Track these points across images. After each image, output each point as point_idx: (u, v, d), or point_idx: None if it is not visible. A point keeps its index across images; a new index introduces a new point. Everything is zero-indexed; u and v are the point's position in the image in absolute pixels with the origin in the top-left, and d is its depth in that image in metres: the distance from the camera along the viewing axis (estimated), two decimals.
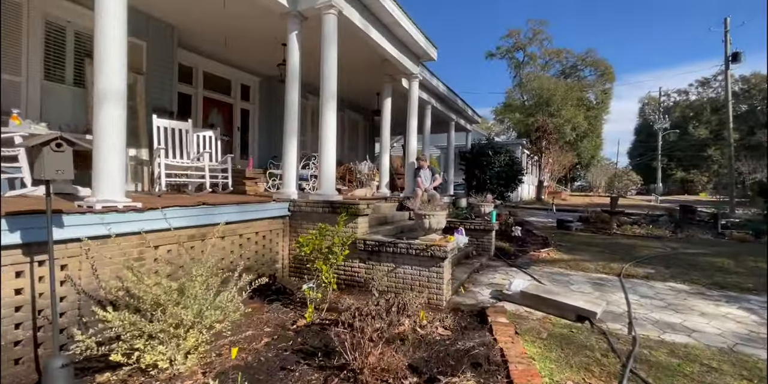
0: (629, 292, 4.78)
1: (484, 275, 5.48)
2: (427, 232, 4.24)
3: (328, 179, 4.92)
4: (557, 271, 5.79)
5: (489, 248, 6.68)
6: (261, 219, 4.59)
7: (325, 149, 4.90)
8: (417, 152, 7.80)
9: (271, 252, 4.83)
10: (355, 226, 4.60)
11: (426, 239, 4.19)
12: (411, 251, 4.17)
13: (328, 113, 4.91)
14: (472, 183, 12.17)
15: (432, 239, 4.16)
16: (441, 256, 4.02)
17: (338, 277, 4.75)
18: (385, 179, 7.71)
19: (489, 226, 6.61)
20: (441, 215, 4.16)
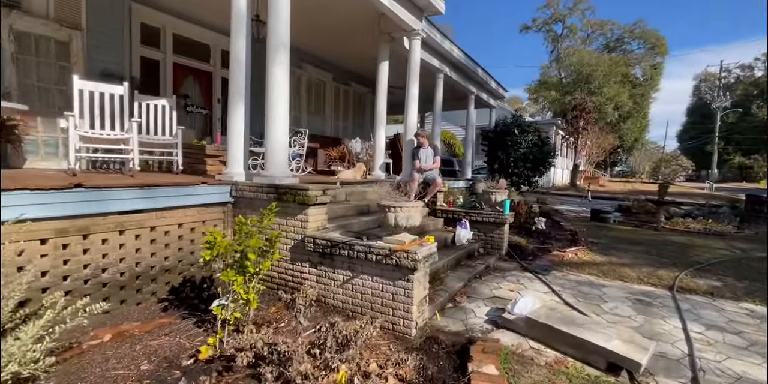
0: (689, 316, 3.40)
1: (486, 283, 4.22)
2: (394, 230, 3.03)
3: (278, 156, 3.76)
4: (586, 280, 4.44)
5: (500, 245, 5.37)
6: (185, 207, 3.52)
7: (274, 116, 3.72)
8: (417, 128, 6.48)
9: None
10: (304, 218, 3.44)
11: (392, 241, 2.98)
12: (370, 257, 2.98)
13: (277, 69, 3.70)
14: (494, 166, 10.69)
15: (399, 241, 2.94)
16: (409, 267, 2.80)
17: (283, 284, 3.64)
18: (379, 160, 6.47)
19: (501, 218, 5.28)
20: (412, 208, 2.93)
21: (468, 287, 4.06)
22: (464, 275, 4.27)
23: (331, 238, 3.21)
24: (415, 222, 2.97)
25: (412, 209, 2.91)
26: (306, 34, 7.68)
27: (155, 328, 2.94)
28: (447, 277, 4.17)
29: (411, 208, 2.91)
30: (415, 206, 2.94)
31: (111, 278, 3.03)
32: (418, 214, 2.98)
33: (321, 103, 9.52)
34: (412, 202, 2.98)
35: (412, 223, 2.95)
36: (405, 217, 2.89)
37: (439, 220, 5.69)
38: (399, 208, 2.89)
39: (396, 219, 2.90)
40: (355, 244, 3.05)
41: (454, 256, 4.58)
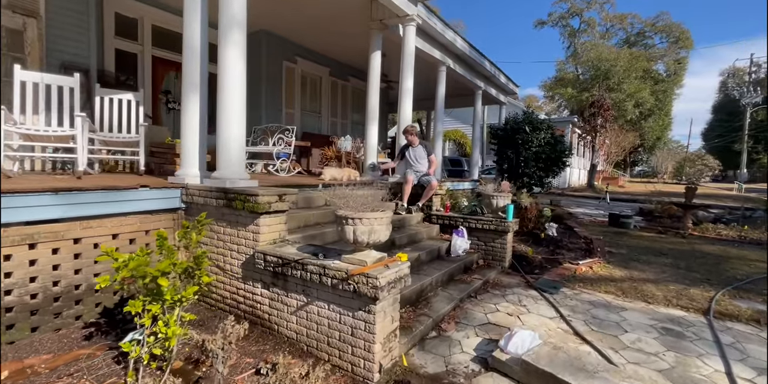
0: (733, 354, 2.70)
1: (482, 304, 3.58)
2: (357, 247, 2.43)
3: (231, 154, 3.20)
4: (602, 301, 3.75)
5: (502, 256, 4.71)
6: (122, 215, 2.99)
7: (227, 106, 3.16)
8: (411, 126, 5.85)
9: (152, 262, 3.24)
10: (256, 229, 2.87)
11: (351, 260, 2.39)
12: (325, 280, 2.39)
13: (230, 50, 3.14)
14: (503, 166, 9.98)
15: (360, 261, 2.35)
16: (370, 296, 2.20)
17: (235, 306, 3.08)
18: (371, 159, 5.88)
19: (503, 225, 4.62)
20: (376, 220, 2.32)
21: (459, 309, 3.43)
22: (456, 294, 3.64)
23: (282, 255, 2.63)
24: (379, 237, 2.36)
25: (375, 221, 2.31)
26: (295, 25, 7.16)
27: (67, 362, 2.42)
28: (435, 296, 3.55)
29: (374, 220, 2.30)
30: (380, 217, 2.33)
31: (18, 302, 2.52)
32: (384, 227, 2.37)
33: (316, 99, 8.98)
34: (377, 212, 2.37)
35: (376, 238, 2.35)
36: (366, 232, 2.29)
37: (434, 227, 5.06)
38: (358, 219, 2.29)
39: (355, 233, 2.30)
40: (308, 263, 2.47)
41: (446, 271, 3.95)
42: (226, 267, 3.11)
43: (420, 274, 3.76)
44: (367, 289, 2.18)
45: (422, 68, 7.97)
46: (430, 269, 3.94)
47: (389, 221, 2.45)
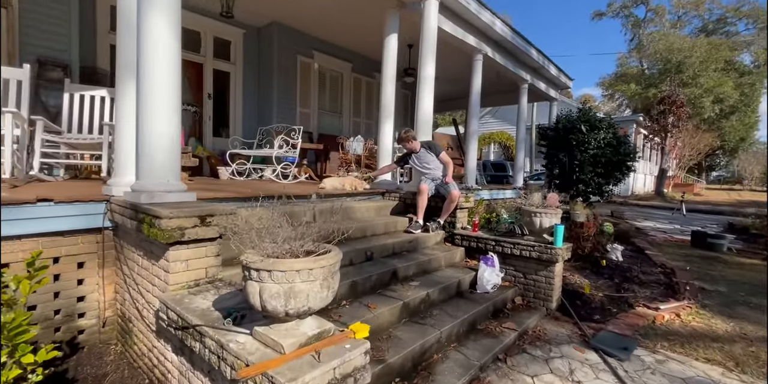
0: None
1: (515, 374, 2.44)
2: (274, 318, 1.43)
3: (153, 157, 2.34)
4: (702, 378, 2.46)
5: (548, 294, 3.50)
6: (14, 237, 2.24)
7: (148, 94, 2.32)
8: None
9: (62, 299, 2.47)
10: (165, 266, 1.97)
11: (265, 338, 1.40)
12: (224, 369, 1.41)
13: (154, 18, 2.29)
14: (554, 171, 8.54)
15: (273, 342, 1.35)
16: None
17: (150, 371, 2.20)
18: (384, 162, 4.88)
19: (549, 253, 3.41)
20: (306, 272, 1.31)
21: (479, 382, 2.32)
22: (476, 356, 2.53)
23: (181, 313, 1.70)
24: (308, 303, 1.35)
25: (299, 275, 1.30)
26: (310, 15, 6.37)
27: None
28: (443, 361, 2.47)
29: (297, 274, 1.30)
30: (310, 268, 1.32)
31: None
32: (319, 286, 1.36)
33: (337, 97, 8.15)
34: (308, 257, 1.37)
35: (301, 306, 1.34)
36: (282, 294, 1.30)
37: (456, 251, 3.95)
38: (266, 272, 1.30)
39: (262, 296, 1.31)
40: (205, 333, 1.52)
41: (466, 317, 2.85)
42: (143, 313, 2.25)
43: (426, 322, 2.70)
44: None
45: (455, 58, 6.90)
46: (443, 315, 2.86)
47: (334, 271, 1.43)
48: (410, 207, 4.34)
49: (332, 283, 1.42)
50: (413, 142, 4.21)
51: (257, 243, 1.46)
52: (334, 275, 1.43)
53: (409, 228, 3.95)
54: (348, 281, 2.75)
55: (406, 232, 3.95)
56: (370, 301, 2.73)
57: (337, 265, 1.46)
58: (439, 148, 4.25)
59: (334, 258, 1.42)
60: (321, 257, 1.37)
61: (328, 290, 1.40)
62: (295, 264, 1.30)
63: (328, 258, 1.39)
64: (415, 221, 4.04)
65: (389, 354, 2.27)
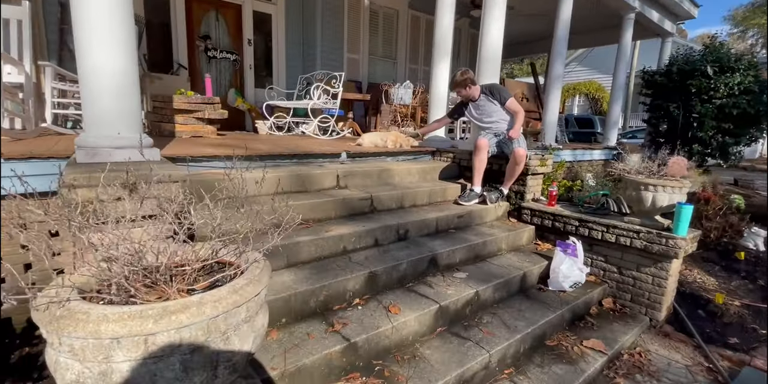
0: None
1: None
2: None
3: (98, 103, 1.70)
4: None
5: (655, 299, 2.47)
6: None
7: (80, 18, 1.63)
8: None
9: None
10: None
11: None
12: None
13: None
14: (660, 127, 6.81)
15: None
16: None
17: None
18: (436, 115, 3.91)
19: (665, 245, 2.34)
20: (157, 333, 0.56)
21: None
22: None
23: None
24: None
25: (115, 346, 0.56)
26: None
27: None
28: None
29: (108, 343, 0.56)
30: (125, 336, 0.58)
31: None
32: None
33: (391, 40, 7.05)
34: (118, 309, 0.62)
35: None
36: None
37: (524, 229, 3.01)
38: (56, 337, 0.57)
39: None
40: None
41: (531, 330, 2.01)
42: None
43: (470, 336, 1.92)
44: None
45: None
46: (496, 324, 2.05)
47: (236, 322, 0.67)
48: (466, 171, 3.41)
49: (252, 328, 0.67)
50: (471, 88, 3.19)
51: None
52: (235, 328, 0.68)
53: (461, 198, 3.07)
54: (365, 272, 2.02)
55: (457, 203, 3.07)
56: (394, 300, 2.00)
57: (243, 299, 0.70)
58: (505, 94, 3.18)
59: (237, 293, 0.66)
60: (206, 299, 0.61)
61: (250, 338, 0.65)
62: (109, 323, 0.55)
63: (229, 293, 0.63)
64: (469, 189, 3.14)
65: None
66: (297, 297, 1.78)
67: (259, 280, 0.79)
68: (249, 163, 2.57)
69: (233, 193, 1.20)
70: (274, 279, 1.87)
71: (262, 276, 0.81)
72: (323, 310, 1.87)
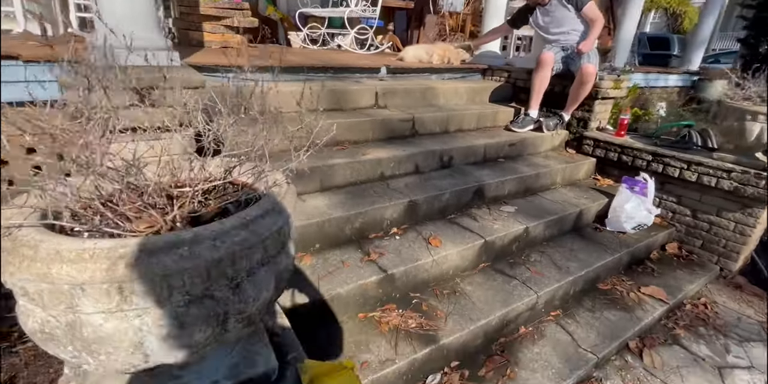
0: None
1: (652, 383, 1.47)
2: None
3: (105, 3, 1.41)
4: None
5: (731, 247, 2.17)
6: None
7: None
8: None
9: None
10: None
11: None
12: None
13: None
14: (761, 48, 5.71)
15: None
16: None
17: None
18: (491, 24, 3.31)
19: (762, 188, 1.96)
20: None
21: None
22: (593, 338, 1.58)
23: None
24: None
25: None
26: None
27: None
28: (536, 342, 1.58)
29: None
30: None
31: None
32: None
33: None
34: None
35: None
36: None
37: (583, 163, 2.66)
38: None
39: None
40: None
41: (584, 273, 1.81)
42: None
43: (516, 274, 1.76)
44: None
45: None
46: (545, 263, 1.87)
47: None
48: (521, 92, 2.97)
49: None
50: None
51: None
52: (248, 273, 0.48)
53: (514, 124, 2.70)
54: (404, 200, 1.83)
55: (508, 129, 2.71)
56: (435, 231, 1.82)
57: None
58: (584, 1, 2.56)
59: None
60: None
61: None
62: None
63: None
64: (523, 114, 2.74)
65: (447, 326, 1.44)
66: (331, 223, 1.63)
67: (280, 210, 0.59)
68: (279, 76, 2.29)
69: (261, 107, 0.96)
70: (307, 202, 1.71)
71: (284, 204, 0.61)
72: (359, 238, 1.73)
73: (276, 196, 0.64)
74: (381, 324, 1.44)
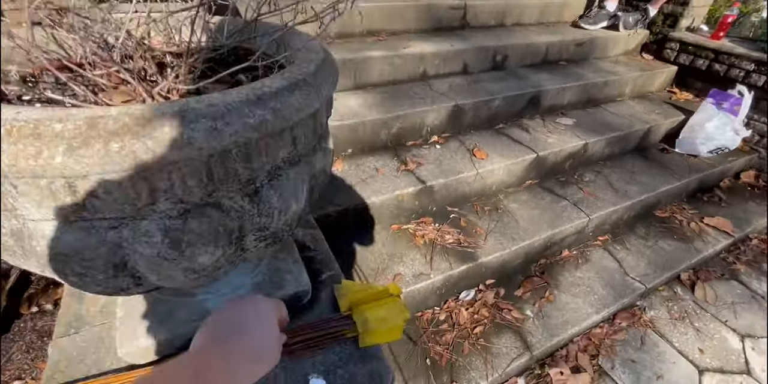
0: None
1: (702, 317, 1.38)
2: None
3: None
4: None
5: None
6: None
7: None
8: None
9: None
10: None
11: None
12: None
13: None
14: None
15: None
16: None
17: None
18: None
19: None
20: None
21: (618, 325, 1.35)
22: (643, 267, 1.46)
23: None
24: None
25: None
26: None
27: None
28: (579, 266, 1.47)
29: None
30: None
31: None
32: None
33: None
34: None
35: None
36: None
37: (661, 71, 2.23)
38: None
39: None
40: None
41: (643, 198, 1.61)
42: None
43: (567, 194, 1.58)
44: None
45: None
46: (600, 183, 1.66)
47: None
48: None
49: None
50: None
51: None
52: (268, 176, 0.30)
53: (584, 19, 2.22)
54: (448, 104, 1.57)
55: (576, 26, 2.24)
56: (480, 142, 1.61)
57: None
58: None
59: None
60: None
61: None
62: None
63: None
64: (597, 7, 2.24)
65: (486, 244, 1.32)
66: (366, 126, 1.42)
67: (316, 85, 0.38)
68: None
69: None
70: (339, 101, 1.48)
71: (321, 77, 0.40)
72: (395, 145, 1.53)
73: (311, 63, 0.43)
74: (416, 237, 1.34)
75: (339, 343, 0.57)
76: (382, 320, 0.57)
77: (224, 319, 0.34)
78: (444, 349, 1.17)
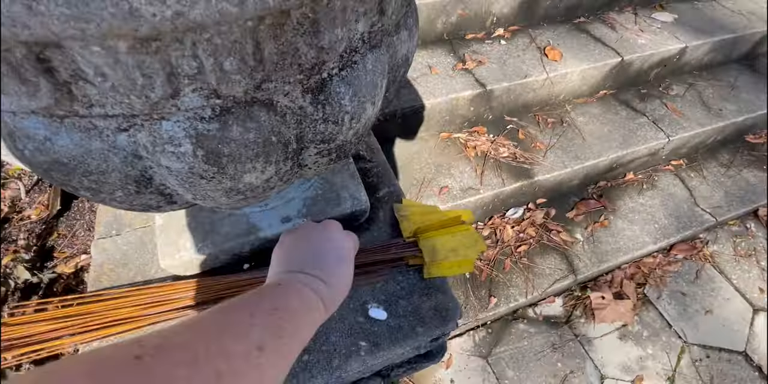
0: None
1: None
2: None
3: None
4: None
5: None
6: None
7: None
8: None
9: None
10: None
11: None
12: None
13: None
14: None
15: None
16: None
17: None
18: None
19: None
20: None
21: (677, 255, 1.27)
22: (717, 198, 1.31)
23: None
24: None
25: None
26: None
27: None
28: (641, 192, 1.33)
29: None
30: None
31: None
32: None
33: None
34: None
35: None
36: None
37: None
38: None
39: None
40: None
41: (738, 122, 1.36)
42: None
43: (646, 108, 1.36)
44: None
45: None
46: (691, 100, 1.42)
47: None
48: None
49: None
50: None
51: None
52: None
53: None
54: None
55: None
56: (554, 39, 1.34)
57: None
58: None
59: None
60: None
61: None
62: None
63: None
64: None
65: (546, 161, 1.19)
66: (420, 11, 1.17)
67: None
68: None
69: None
70: None
71: None
72: (452, 38, 1.29)
73: None
74: (467, 148, 1.21)
75: (401, 273, 0.50)
76: (452, 251, 0.50)
77: (303, 246, 0.32)
78: (484, 265, 1.14)
